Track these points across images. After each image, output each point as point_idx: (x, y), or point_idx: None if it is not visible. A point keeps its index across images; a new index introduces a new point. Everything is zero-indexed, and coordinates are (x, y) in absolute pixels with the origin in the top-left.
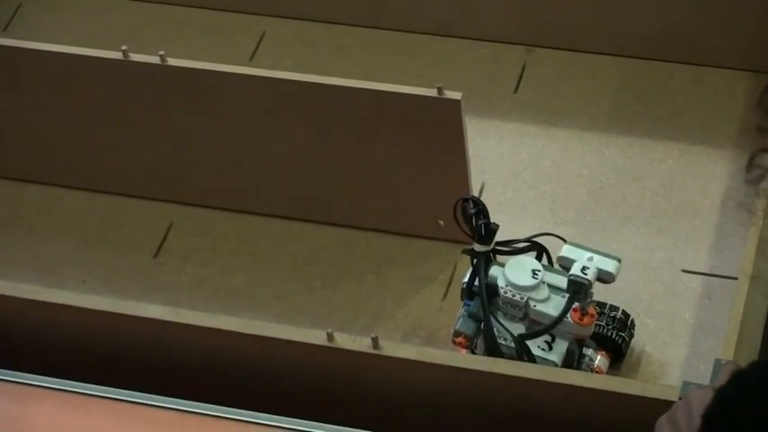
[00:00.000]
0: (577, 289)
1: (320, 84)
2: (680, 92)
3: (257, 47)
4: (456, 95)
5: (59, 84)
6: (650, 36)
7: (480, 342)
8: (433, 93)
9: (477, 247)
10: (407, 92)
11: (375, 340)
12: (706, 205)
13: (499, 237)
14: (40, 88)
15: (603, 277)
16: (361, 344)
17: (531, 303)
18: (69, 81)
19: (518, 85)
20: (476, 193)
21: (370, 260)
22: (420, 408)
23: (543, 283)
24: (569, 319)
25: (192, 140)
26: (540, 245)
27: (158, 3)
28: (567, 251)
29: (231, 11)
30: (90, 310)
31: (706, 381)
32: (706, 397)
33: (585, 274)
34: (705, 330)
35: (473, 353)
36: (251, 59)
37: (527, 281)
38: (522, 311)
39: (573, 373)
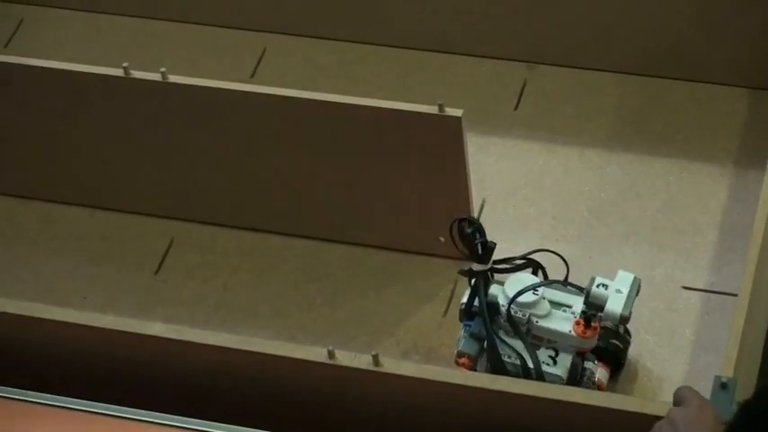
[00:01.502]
0: (592, 307)
1: (321, 101)
2: (680, 109)
3: (258, 63)
4: (457, 112)
5: (61, 100)
6: (651, 53)
7: (483, 361)
8: (433, 110)
9: (476, 267)
10: (408, 109)
11: (375, 357)
12: (706, 222)
13: (499, 254)
14: (42, 105)
15: (606, 313)
16: (362, 361)
17: (534, 320)
18: (71, 98)
19: (519, 101)
20: (476, 210)
21: (371, 277)
22: (420, 424)
23: (544, 298)
24: (572, 333)
25: (192, 157)
26: (537, 262)
27: (159, 20)
28: (619, 275)
29: (232, 28)
30: (91, 327)
31: (706, 397)
32: (688, 415)
33: (598, 289)
34: (705, 347)
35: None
36: (252, 76)
37: (528, 297)
38: (525, 327)
39: (572, 390)
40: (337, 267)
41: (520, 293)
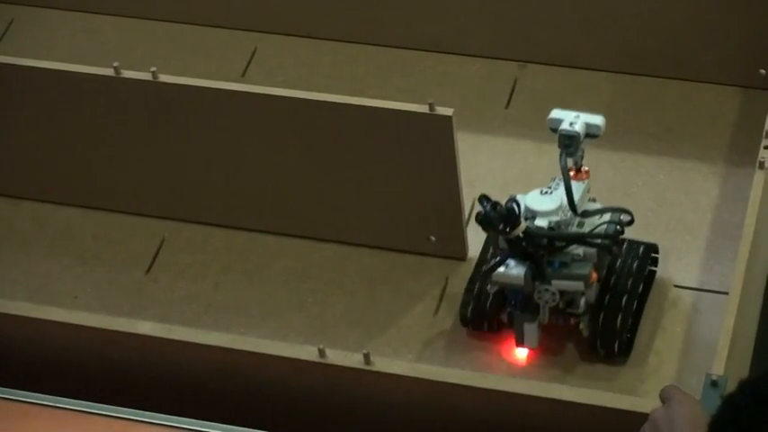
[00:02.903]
0: (568, 142)
1: (312, 100)
2: (671, 107)
3: (249, 63)
4: (447, 111)
5: (51, 100)
6: (642, 52)
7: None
8: (424, 109)
9: (518, 230)
10: (399, 108)
11: (367, 356)
12: (697, 220)
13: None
14: (32, 105)
15: (591, 131)
16: (353, 359)
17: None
18: (61, 97)
19: (510, 100)
20: (467, 209)
21: (362, 276)
22: (412, 423)
23: (558, 190)
24: (583, 182)
25: (183, 156)
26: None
27: (150, 19)
28: (554, 113)
29: (223, 27)
30: (82, 326)
31: (697, 395)
32: (670, 414)
33: (573, 128)
34: (696, 345)
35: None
36: (242, 76)
37: (554, 199)
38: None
39: (563, 389)
40: (328, 267)
41: (570, 198)
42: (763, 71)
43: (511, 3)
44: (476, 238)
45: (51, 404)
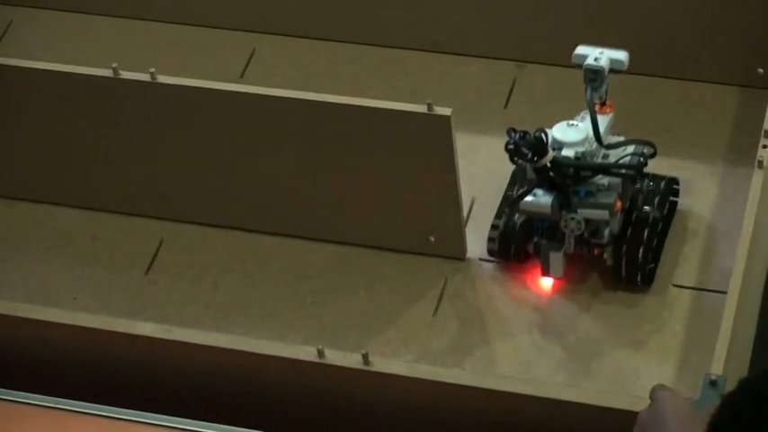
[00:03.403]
0: (593, 76)
1: (310, 100)
2: (670, 107)
3: (247, 64)
4: (446, 111)
5: (50, 101)
6: (640, 51)
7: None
8: (422, 109)
9: (546, 159)
10: (397, 108)
11: (365, 356)
12: (696, 219)
13: (483, 253)
14: (31, 106)
15: (615, 66)
16: (352, 360)
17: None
18: (59, 98)
19: (508, 100)
20: (465, 210)
21: (361, 276)
22: (411, 424)
23: (584, 122)
24: (608, 115)
25: (182, 157)
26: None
27: (148, 20)
28: (579, 50)
29: (221, 28)
30: (81, 327)
31: (696, 395)
32: (655, 413)
33: (598, 62)
34: (695, 345)
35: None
36: (241, 76)
37: (581, 130)
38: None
39: (563, 389)
40: (327, 267)
41: (596, 130)
42: (761, 70)
43: (509, 2)
44: (475, 238)
45: (51, 404)
